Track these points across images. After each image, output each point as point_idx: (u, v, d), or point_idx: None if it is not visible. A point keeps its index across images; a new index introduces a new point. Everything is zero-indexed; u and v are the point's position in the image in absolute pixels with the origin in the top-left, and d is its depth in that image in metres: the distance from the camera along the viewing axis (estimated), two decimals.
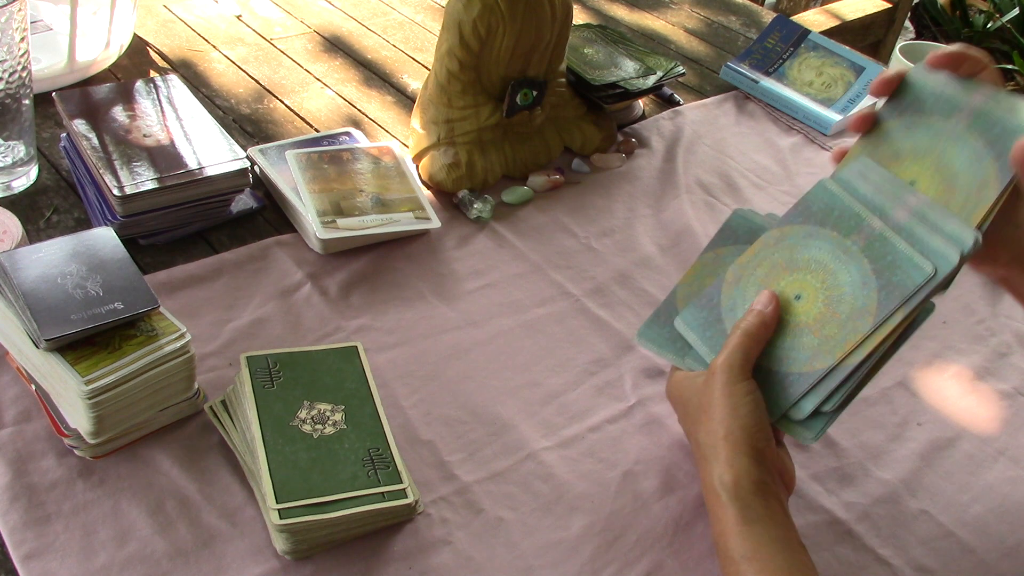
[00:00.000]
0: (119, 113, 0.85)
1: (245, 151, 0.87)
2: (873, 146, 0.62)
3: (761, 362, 0.60)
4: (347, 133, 0.96)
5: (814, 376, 0.58)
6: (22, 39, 0.79)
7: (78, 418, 0.60)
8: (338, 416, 0.64)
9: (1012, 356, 0.81)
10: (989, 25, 3.09)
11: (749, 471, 0.56)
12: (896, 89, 0.62)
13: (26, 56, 0.80)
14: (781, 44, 1.19)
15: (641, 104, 1.10)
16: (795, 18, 1.97)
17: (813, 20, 2.05)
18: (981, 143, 0.58)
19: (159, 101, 0.88)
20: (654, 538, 0.62)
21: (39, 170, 0.87)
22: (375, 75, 1.13)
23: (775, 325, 0.60)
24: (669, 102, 1.13)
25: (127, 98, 0.87)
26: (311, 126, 1.01)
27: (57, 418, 0.62)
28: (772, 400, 0.59)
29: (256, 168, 0.89)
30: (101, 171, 0.78)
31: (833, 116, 1.10)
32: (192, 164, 0.81)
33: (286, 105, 1.04)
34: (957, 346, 0.82)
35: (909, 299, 0.56)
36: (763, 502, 0.56)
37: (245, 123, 1.00)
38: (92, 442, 0.61)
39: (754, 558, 0.54)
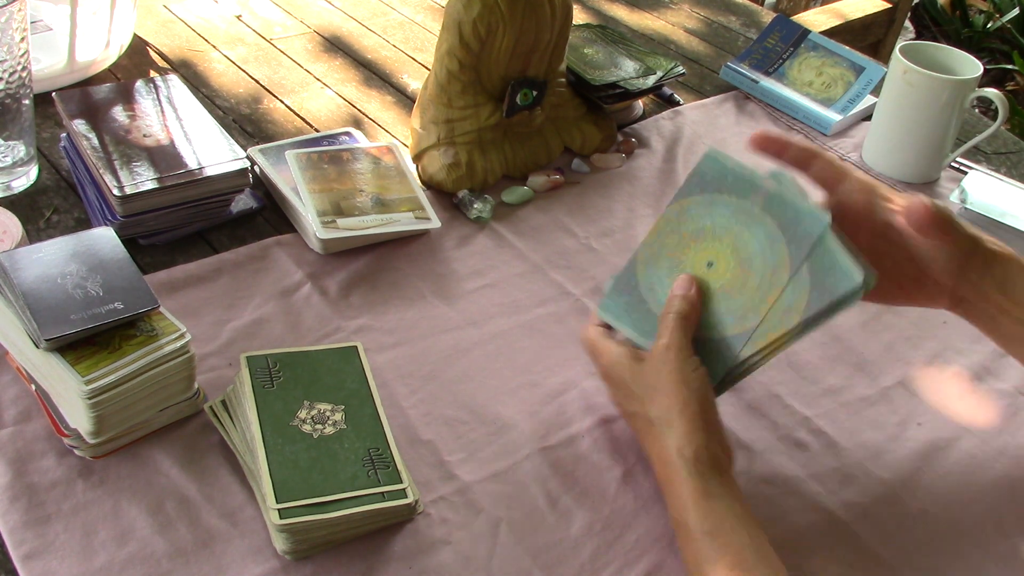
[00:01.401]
0: (119, 113, 0.85)
1: (245, 151, 0.87)
2: (676, 223, 0.66)
3: (696, 333, 0.62)
4: (347, 133, 0.96)
5: (747, 334, 0.61)
6: (22, 39, 0.79)
7: (78, 418, 0.60)
8: (338, 416, 0.64)
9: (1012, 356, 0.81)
10: (989, 25, 3.09)
11: (708, 444, 0.58)
12: (698, 166, 0.66)
13: (26, 56, 0.80)
14: (781, 44, 1.19)
15: (641, 104, 1.10)
16: (795, 18, 1.97)
17: (813, 20, 2.05)
18: (775, 225, 0.61)
19: (159, 101, 0.88)
20: (654, 538, 0.62)
21: (39, 170, 0.88)
22: (375, 75, 1.13)
23: (700, 305, 0.63)
24: (669, 102, 1.13)
25: (127, 98, 0.87)
26: (311, 126, 1.01)
27: (57, 418, 0.62)
28: (713, 365, 0.61)
29: (256, 168, 0.89)
30: (101, 171, 0.78)
31: (833, 116, 1.10)
32: (192, 164, 0.81)
33: (286, 105, 1.04)
34: (957, 346, 0.82)
35: (813, 249, 0.59)
36: (720, 477, 0.58)
37: (245, 123, 1.00)
38: (92, 442, 0.61)
39: (716, 533, 0.55)
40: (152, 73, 1.08)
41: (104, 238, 0.66)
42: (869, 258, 0.61)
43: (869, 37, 2.21)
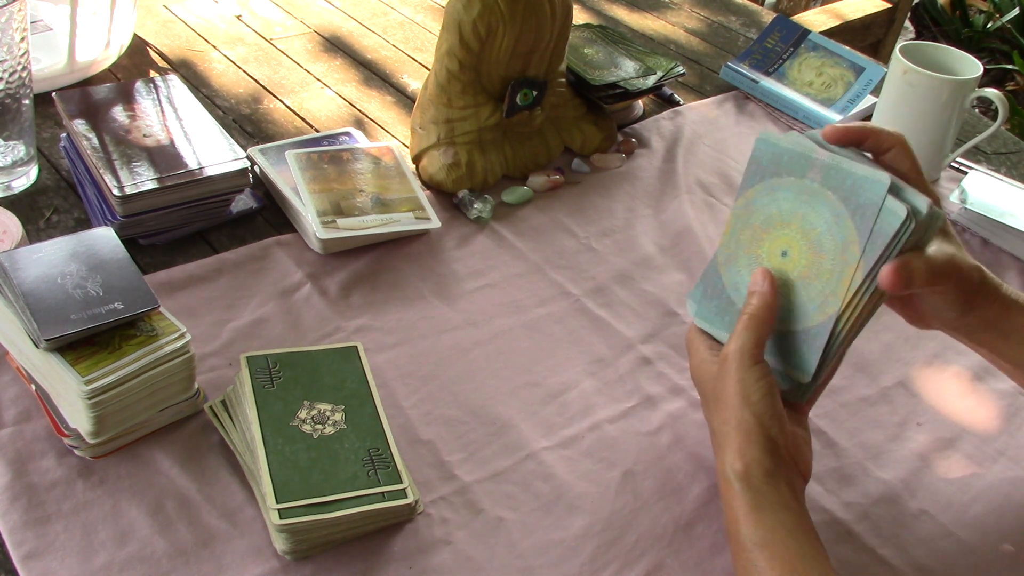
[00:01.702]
0: (119, 113, 0.85)
1: (245, 151, 0.87)
2: (745, 217, 0.63)
3: (780, 328, 0.60)
4: (347, 133, 0.96)
5: (831, 320, 0.58)
6: (22, 39, 0.79)
7: (78, 418, 0.60)
8: (338, 416, 0.64)
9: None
10: (989, 25, 3.09)
11: (761, 460, 0.56)
12: (752, 153, 0.63)
13: (26, 56, 0.80)
14: (781, 44, 1.19)
15: (641, 104, 1.10)
16: (795, 18, 1.97)
17: (813, 20, 2.05)
18: (836, 199, 0.59)
19: (159, 101, 0.88)
20: (654, 538, 0.62)
21: (39, 170, 0.88)
22: (375, 75, 1.13)
23: (776, 299, 0.60)
24: (669, 102, 1.13)
25: (127, 98, 0.87)
26: (311, 126, 1.01)
27: (57, 418, 0.62)
28: (803, 361, 0.59)
29: (256, 168, 0.89)
30: (101, 171, 0.78)
31: (833, 116, 1.10)
32: (192, 164, 0.81)
33: (286, 105, 1.04)
34: (957, 346, 0.81)
35: (878, 214, 0.56)
36: (775, 489, 0.56)
37: (245, 123, 1.00)
38: (92, 442, 0.61)
39: (765, 545, 0.54)
40: (152, 73, 1.08)
41: (104, 238, 0.66)
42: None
43: (869, 37, 2.21)
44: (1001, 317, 0.63)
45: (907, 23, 3.05)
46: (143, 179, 0.78)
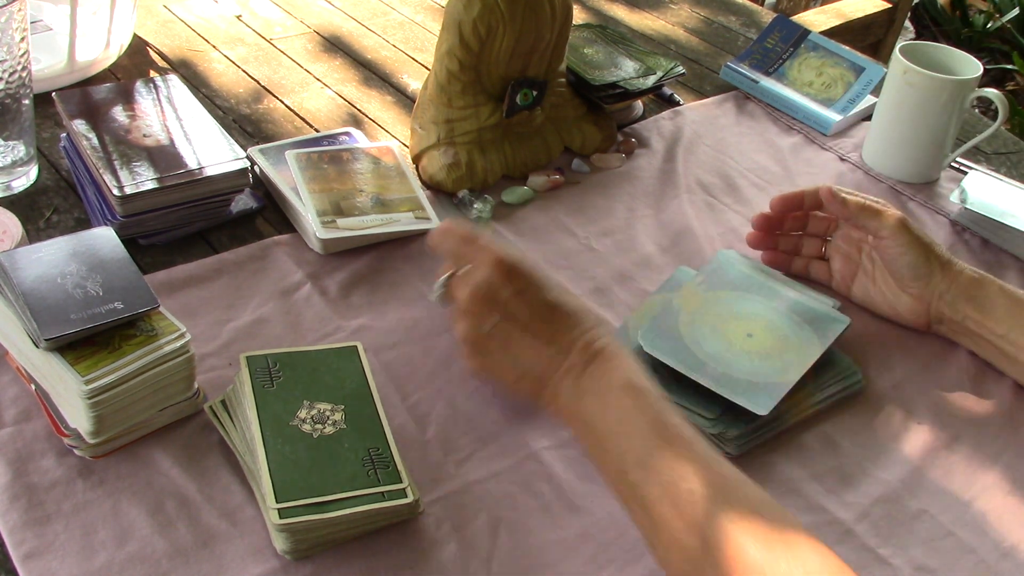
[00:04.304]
0: (119, 113, 0.85)
1: (245, 151, 0.87)
2: (714, 302, 0.77)
3: (743, 376, 0.70)
4: (347, 133, 0.96)
5: (790, 383, 0.70)
6: (22, 39, 0.79)
7: (78, 418, 0.60)
8: (338, 416, 0.64)
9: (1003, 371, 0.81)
10: (989, 25, 3.09)
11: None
12: (718, 263, 0.81)
13: (26, 56, 0.80)
14: (781, 44, 1.19)
15: (641, 104, 1.10)
16: (795, 18, 1.97)
17: (813, 20, 2.05)
18: (801, 320, 0.76)
19: (159, 101, 0.88)
20: None
21: (39, 170, 0.88)
22: (375, 75, 1.13)
23: None
24: (669, 102, 1.13)
25: (127, 98, 0.87)
26: (311, 126, 1.01)
27: (57, 418, 0.62)
28: (763, 400, 0.68)
29: (256, 168, 0.89)
30: (101, 171, 0.78)
31: (833, 116, 1.10)
32: (192, 164, 0.81)
33: (286, 105, 1.04)
34: (956, 347, 0.81)
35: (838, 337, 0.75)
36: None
37: (245, 123, 1.00)
38: (92, 442, 0.61)
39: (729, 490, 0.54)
40: (152, 73, 1.08)
41: (104, 238, 0.66)
42: (850, 271, 0.83)
43: (869, 37, 2.21)
44: (973, 286, 0.76)
45: (907, 23, 3.05)
46: (143, 179, 0.78)
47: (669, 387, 0.67)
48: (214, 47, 1.14)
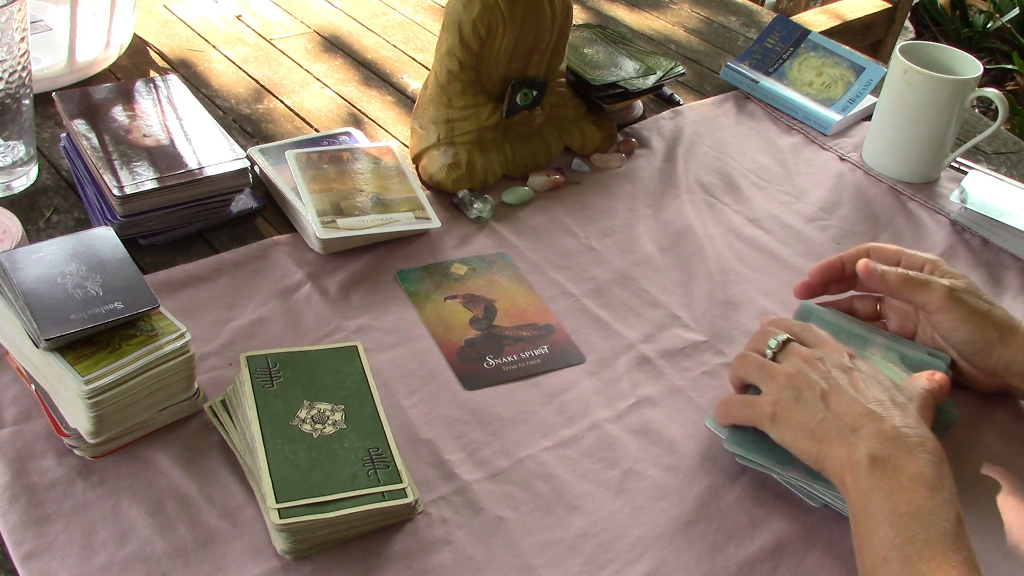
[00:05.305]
0: (119, 113, 0.85)
1: (245, 151, 0.87)
2: None
3: None
4: (347, 133, 0.96)
5: None
6: (22, 39, 0.79)
7: (78, 418, 0.60)
8: (338, 416, 0.64)
9: None
10: (989, 25, 3.09)
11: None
12: (802, 317, 0.76)
13: (26, 56, 0.80)
14: (781, 44, 1.19)
15: (641, 104, 1.10)
16: (795, 18, 1.97)
17: (813, 20, 2.06)
18: (898, 369, 0.71)
19: (159, 101, 0.88)
20: (654, 538, 0.62)
21: (39, 170, 0.88)
22: (375, 75, 1.13)
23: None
24: (669, 102, 1.13)
25: (127, 98, 0.87)
26: (311, 126, 1.01)
27: (57, 418, 0.62)
28: None
29: (256, 168, 0.89)
30: (101, 171, 0.78)
31: (833, 116, 1.10)
32: (192, 164, 0.81)
33: (286, 105, 1.04)
34: None
35: None
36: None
37: (245, 123, 1.00)
38: (92, 442, 0.61)
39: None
40: (152, 73, 1.08)
41: (104, 238, 0.66)
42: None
43: (869, 37, 2.21)
44: None
45: (907, 23, 3.05)
46: (143, 179, 0.78)
47: (780, 459, 0.64)
48: (214, 47, 1.14)
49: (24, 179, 0.86)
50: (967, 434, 0.73)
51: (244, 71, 1.10)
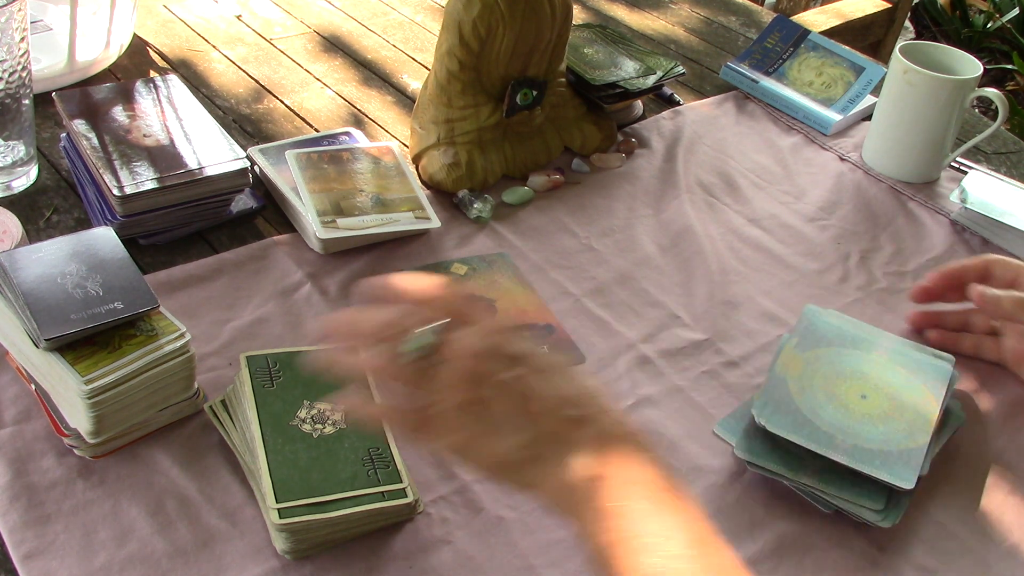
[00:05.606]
0: (119, 113, 0.85)
1: (245, 151, 0.87)
2: (816, 367, 0.72)
3: (874, 446, 0.66)
4: (347, 133, 0.96)
5: (924, 447, 0.66)
6: (22, 39, 0.79)
7: (78, 418, 0.60)
8: (338, 416, 0.64)
9: None
10: (989, 25, 3.09)
11: None
12: (807, 320, 0.76)
13: (26, 56, 0.80)
14: (781, 44, 1.19)
15: (641, 104, 1.10)
16: (795, 18, 1.97)
17: (813, 20, 2.05)
18: (906, 372, 0.72)
19: (159, 101, 0.88)
20: None
21: (39, 170, 0.88)
22: (375, 75, 1.13)
23: None
24: (669, 102, 1.13)
25: (127, 98, 0.87)
26: (311, 126, 1.01)
27: (57, 418, 0.62)
28: (903, 471, 0.64)
29: (256, 168, 0.89)
30: (101, 171, 0.78)
31: (833, 116, 1.10)
32: (192, 164, 0.81)
33: (286, 105, 1.04)
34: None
35: (948, 387, 0.71)
36: None
37: (245, 123, 1.00)
38: (92, 442, 0.61)
39: None
40: (152, 73, 1.08)
41: (104, 238, 0.66)
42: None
43: (869, 37, 2.21)
44: None
45: (907, 23, 3.05)
46: (143, 179, 0.78)
47: (792, 466, 0.65)
48: (214, 47, 1.14)
49: (24, 179, 0.86)
50: (971, 435, 0.73)
51: (244, 71, 1.10)
